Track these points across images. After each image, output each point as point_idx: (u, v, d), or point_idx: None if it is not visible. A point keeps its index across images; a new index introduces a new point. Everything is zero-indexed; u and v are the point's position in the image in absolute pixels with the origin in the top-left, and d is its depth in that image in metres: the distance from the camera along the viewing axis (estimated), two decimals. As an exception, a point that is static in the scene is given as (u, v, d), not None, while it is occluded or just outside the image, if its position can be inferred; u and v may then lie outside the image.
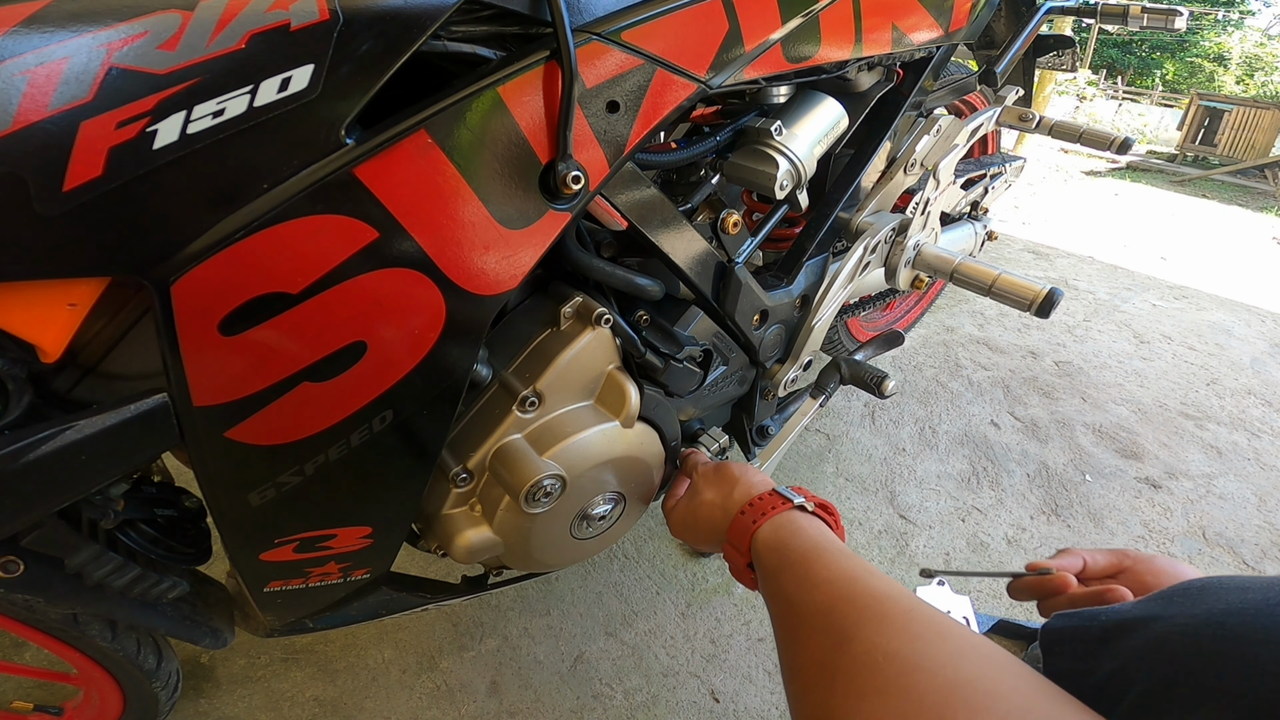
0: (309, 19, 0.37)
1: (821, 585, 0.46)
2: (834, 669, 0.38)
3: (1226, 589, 0.37)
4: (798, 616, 0.46)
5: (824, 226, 0.90)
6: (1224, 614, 0.34)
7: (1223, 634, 0.33)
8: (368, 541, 0.61)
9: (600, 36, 0.50)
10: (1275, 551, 1.31)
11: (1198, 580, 0.42)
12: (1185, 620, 0.36)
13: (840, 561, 0.48)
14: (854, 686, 0.36)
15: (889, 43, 0.81)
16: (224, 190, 0.38)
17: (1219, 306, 2.55)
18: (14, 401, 0.39)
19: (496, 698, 0.93)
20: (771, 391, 0.95)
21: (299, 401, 0.46)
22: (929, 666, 0.34)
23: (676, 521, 0.71)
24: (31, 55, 0.31)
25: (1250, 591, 0.36)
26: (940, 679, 0.33)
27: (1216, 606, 0.36)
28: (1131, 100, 12.44)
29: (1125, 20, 1.17)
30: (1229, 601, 0.35)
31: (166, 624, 0.61)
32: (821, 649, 0.41)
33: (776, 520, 0.58)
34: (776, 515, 0.58)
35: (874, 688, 0.35)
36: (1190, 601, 0.38)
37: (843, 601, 0.43)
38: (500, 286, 0.52)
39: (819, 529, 0.56)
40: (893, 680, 0.35)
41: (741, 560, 0.59)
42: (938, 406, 1.66)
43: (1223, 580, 0.39)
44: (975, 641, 0.37)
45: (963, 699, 0.32)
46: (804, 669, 0.41)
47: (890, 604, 0.41)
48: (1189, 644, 0.34)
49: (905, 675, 0.34)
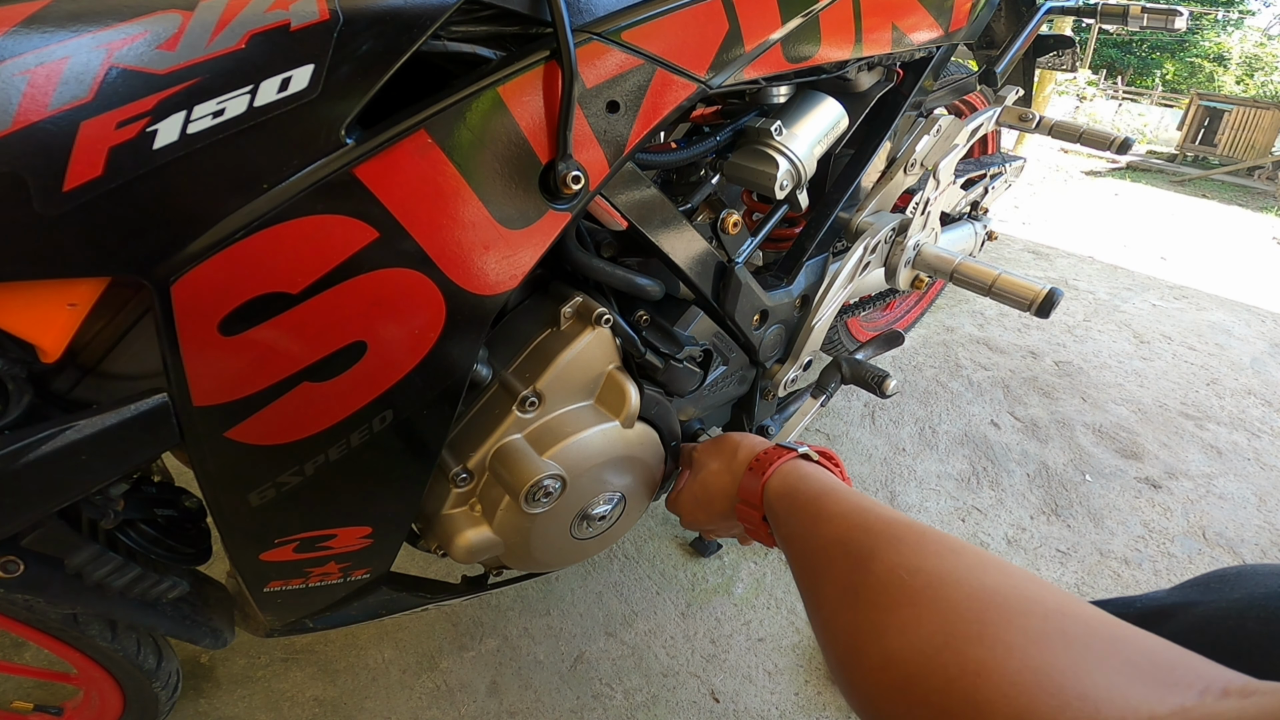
0: (309, 19, 0.37)
1: (836, 519, 0.47)
2: (859, 588, 0.39)
3: (1264, 575, 0.38)
4: (815, 549, 0.47)
5: (824, 226, 0.90)
6: (1266, 597, 0.35)
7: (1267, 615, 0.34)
8: (368, 541, 0.61)
9: (600, 36, 0.50)
10: (1275, 551, 1.31)
11: (1231, 568, 0.42)
12: (1226, 605, 0.36)
13: (850, 497, 0.50)
14: (883, 600, 0.36)
15: (889, 43, 0.81)
16: (224, 190, 0.38)
17: (1219, 306, 2.55)
18: (14, 401, 0.39)
19: (496, 698, 0.93)
20: (771, 391, 0.95)
21: (299, 401, 0.46)
22: (954, 578, 0.35)
23: (686, 503, 0.71)
24: (31, 55, 0.31)
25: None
26: (968, 588, 0.34)
27: (1257, 591, 0.36)
28: (1131, 100, 12.44)
29: (1125, 20, 1.17)
30: (1270, 586, 0.36)
31: (166, 624, 0.61)
32: (844, 573, 0.41)
33: (784, 469, 0.59)
34: (783, 464, 0.60)
35: (905, 599, 0.35)
36: (1228, 587, 0.38)
37: (858, 529, 0.44)
38: (500, 286, 0.52)
39: (825, 473, 0.57)
40: (921, 592, 0.35)
41: (756, 515, 0.60)
42: (938, 406, 1.66)
43: (1257, 567, 0.40)
44: (991, 556, 0.37)
45: (997, 604, 0.32)
46: (828, 596, 0.41)
47: (904, 528, 0.42)
48: (1233, 626, 0.35)
49: (933, 588, 0.35)
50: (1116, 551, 1.27)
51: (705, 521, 0.70)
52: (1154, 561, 1.25)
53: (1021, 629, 0.30)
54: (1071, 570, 1.21)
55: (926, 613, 0.34)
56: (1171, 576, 1.23)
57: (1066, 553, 1.25)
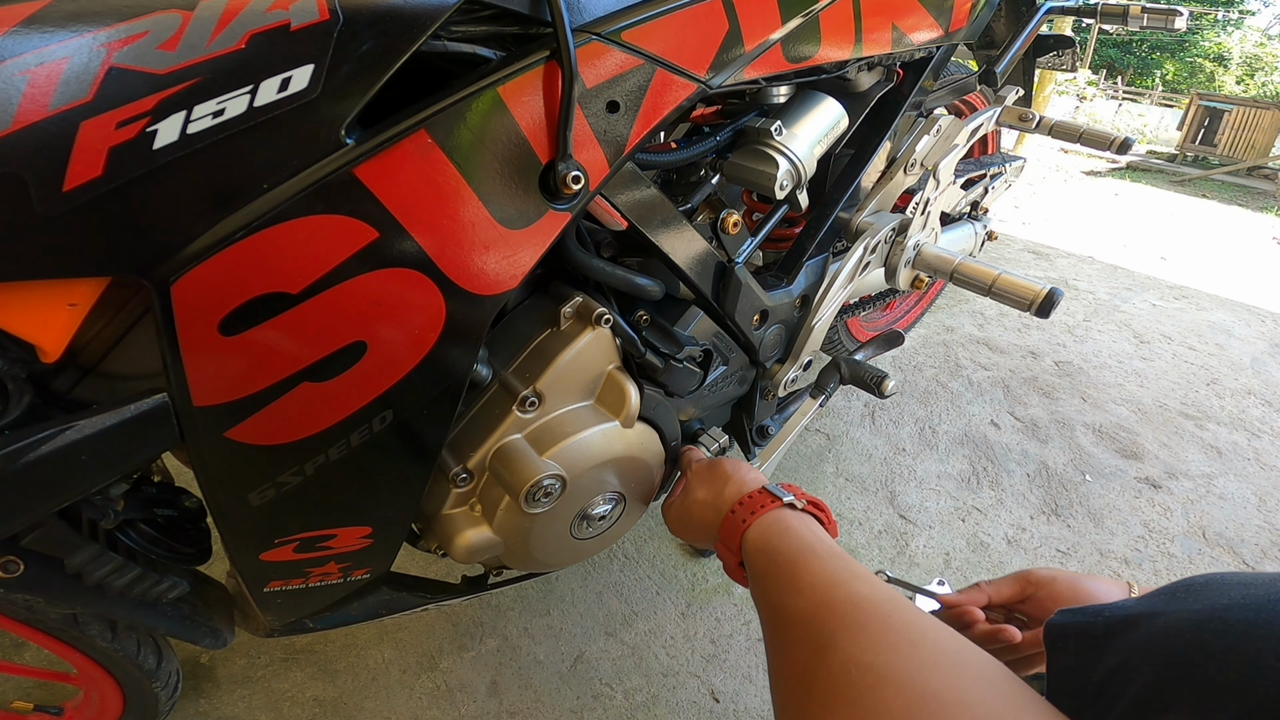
0: (309, 19, 0.37)
1: (805, 591, 0.47)
2: (811, 679, 0.40)
3: (1229, 584, 0.37)
4: (782, 624, 0.47)
5: (824, 226, 0.90)
6: (1226, 609, 0.35)
7: (1225, 629, 0.33)
8: (368, 541, 0.61)
9: (600, 36, 0.50)
10: (1275, 551, 1.31)
11: (1201, 576, 0.42)
12: (1188, 615, 0.36)
13: (825, 565, 0.49)
14: (829, 700, 0.37)
15: (889, 43, 0.81)
16: (224, 190, 0.38)
17: (1219, 306, 2.55)
18: (14, 401, 0.39)
19: (496, 698, 0.93)
20: (771, 391, 0.95)
21: (299, 401, 0.46)
22: (898, 679, 0.36)
23: (672, 520, 0.71)
24: (31, 55, 0.31)
25: (1253, 587, 0.36)
26: (909, 692, 0.35)
27: (1219, 601, 0.36)
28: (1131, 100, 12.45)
29: (1125, 20, 1.17)
30: (1231, 596, 0.36)
31: (166, 624, 0.61)
32: (802, 658, 0.42)
33: (766, 519, 0.58)
34: (766, 514, 0.58)
35: (847, 702, 0.36)
36: (1193, 597, 0.38)
37: (823, 609, 0.44)
38: (500, 286, 0.52)
39: (808, 528, 0.56)
40: (865, 694, 0.36)
41: (733, 559, 0.60)
42: (938, 406, 1.66)
43: (1225, 576, 0.39)
44: (949, 648, 0.38)
45: (930, 711, 0.33)
46: (786, 677, 0.43)
47: (868, 611, 0.42)
48: (1191, 639, 0.34)
49: (876, 689, 0.36)
50: (1116, 551, 1.27)
51: (689, 541, 0.70)
52: (1154, 561, 1.25)
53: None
54: (1071, 570, 1.21)
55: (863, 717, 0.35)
56: (1171, 577, 1.23)
57: (1066, 553, 1.25)
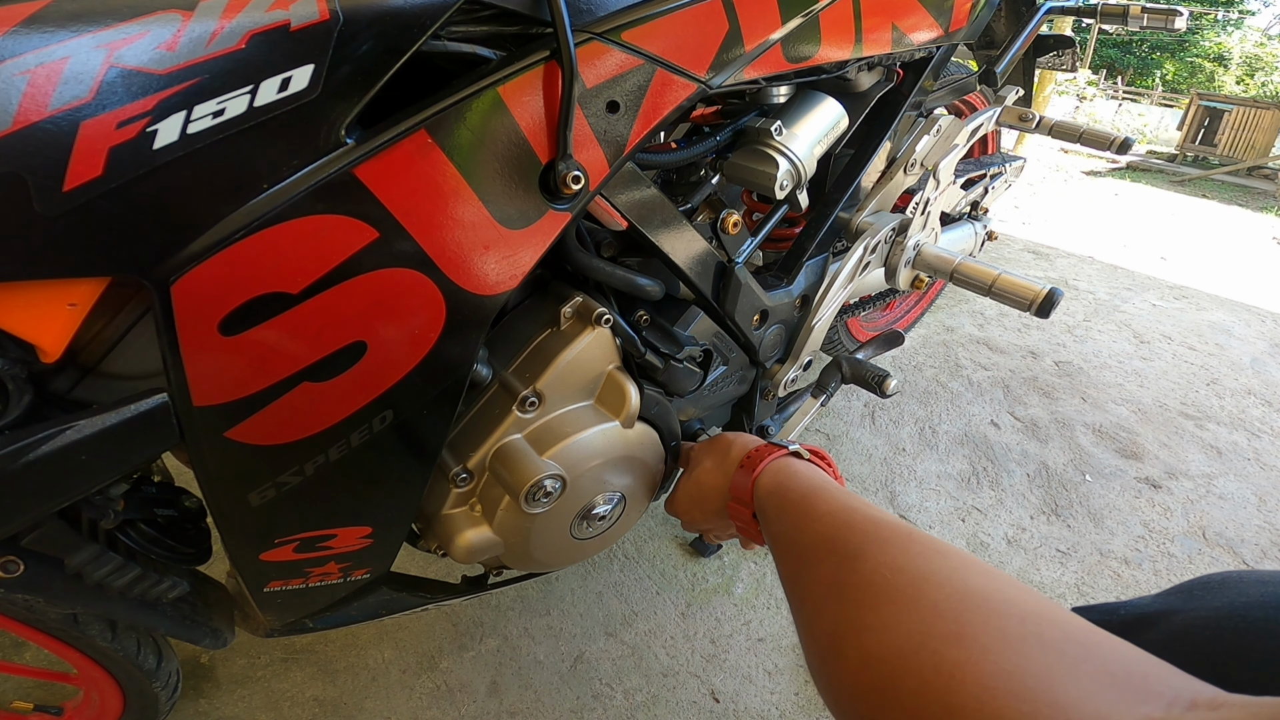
0: (309, 19, 0.37)
1: (824, 517, 0.47)
2: (843, 585, 0.39)
3: (1247, 582, 0.38)
4: (803, 547, 0.47)
5: (824, 226, 0.90)
6: (1245, 607, 0.35)
7: (1244, 626, 0.33)
8: (368, 541, 0.61)
9: (600, 36, 0.50)
10: (1275, 551, 1.31)
11: (1217, 574, 0.42)
12: (1206, 613, 0.36)
13: (839, 496, 0.50)
14: (865, 598, 0.36)
15: (889, 43, 0.81)
16: (224, 190, 0.38)
17: (1219, 306, 2.55)
18: (14, 401, 0.39)
19: (496, 698, 0.93)
20: (772, 391, 0.95)
21: (299, 401, 0.46)
22: (937, 579, 0.35)
23: (682, 501, 0.72)
24: (31, 55, 0.31)
25: (1270, 585, 0.36)
26: (949, 589, 0.34)
27: (1237, 600, 0.36)
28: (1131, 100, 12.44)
29: (1125, 20, 1.17)
30: (1250, 595, 0.36)
31: (166, 624, 0.61)
32: (830, 571, 0.41)
33: (774, 466, 0.59)
34: (774, 460, 0.60)
35: (887, 598, 0.35)
36: (1211, 594, 0.38)
37: (845, 528, 0.44)
38: (500, 286, 0.52)
39: (816, 471, 0.57)
40: (904, 590, 0.35)
41: (746, 512, 0.60)
42: (938, 406, 1.66)
43: (1242, 574, 0.40)
44: (977, 561, 0.38)
45: (977, 605, 0.32)
46: (813, 592, 0.42)
47: (890, 529, 0.42)
48: (1210, 636, 0.34)
49: (915, 585, 0.35)
50: (1116, 551, 1.27)
51: (701, 520, 0.70)
52: (1154, 562, 1.25)
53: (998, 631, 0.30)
54: (1071, 570, 1.21)
55: (906, 611, 0.34)
56: (1171, 577, 1.23)
57: (1066, 553, 1.25)
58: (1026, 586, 0.35)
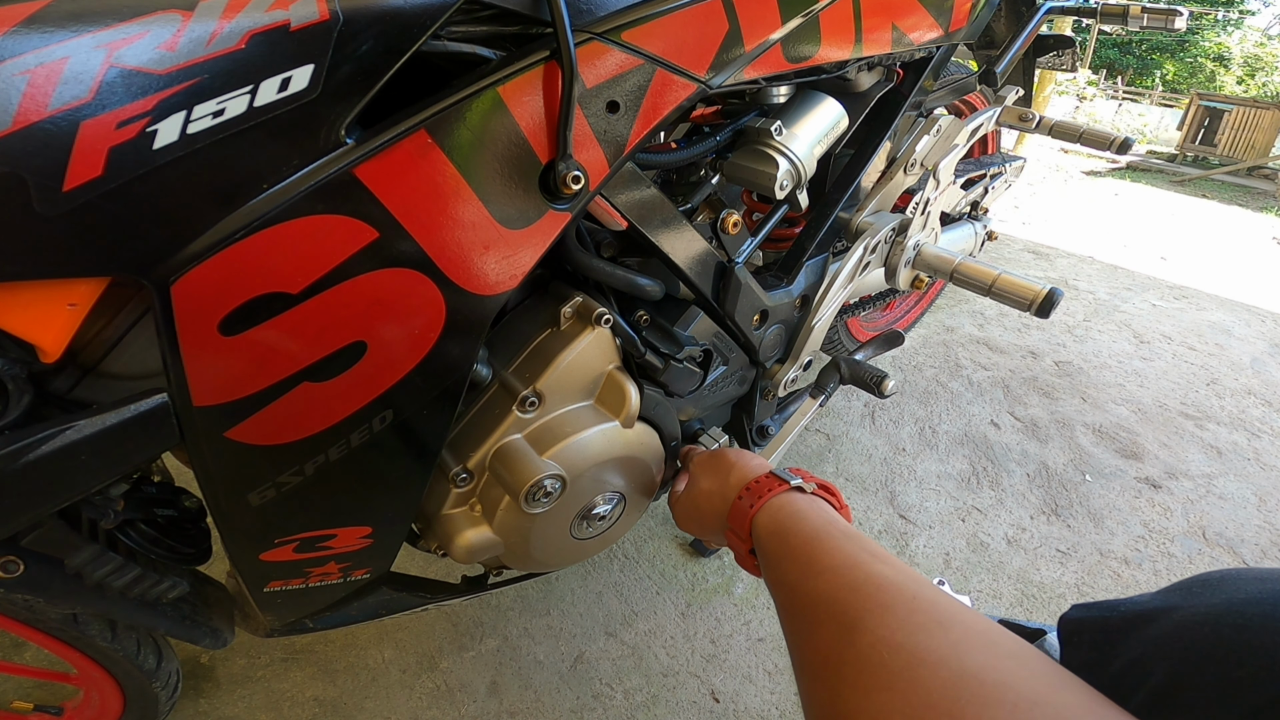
0: (309, 19, 0.37)
1: (825, 573, 0.46)
2: (840, 662, 0.38)
3: (1246, 579, 0.37)
4: (803, 606, 0.46)
5: (824, 226, 0.90)
6: (1244, 603, 0.35)
7: (1243, 623, 0.33)
8: (368, 541, 0.61)
9: (600, 36, 0.50)
10: (1275, 551, 1.31)
11: (1217, 572, 0.42)
12: (1205, 610, 0.36)
13: (843, 546, 0.48)
14: (861, 680, 0.36)
15: (889, 43, 0.81)
16: (224, 190, 0.38)
17: (1219, 306, 2.55)
18: (14, 401, 0.39)
19: (496, 698, 0.93)
20: (771, 391, 0.95)
21: (299, 401, 0.46)
22: (934, 659, 0.34)
23: (680, 513, 0.71)
24: (31, 55, 0.31)
25: (1269, 582, 0.36)
26: (946, 672, 0.33)
27: (1236, 596, 0.36)
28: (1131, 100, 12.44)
29: (1125, 20, 1.17)
30: (1248, 591, 0.36)
31: (166, 624, 0.61)
32: (828, 641, 0.40)
33: (775, 503, 0.57)
34: (774, 497, 0.57)
35: (881, 683, 0.35)
36: (1210, 591, 0.38)
37: (845, 590, 0.43)
38: (500, 286, 0.52)
39: (821, 510, 0.55)
40: (899, 674, 0.34)
41: (743, 547, 0.59)
42: (938, 406, 1.66)
43: (1242, 571, 0.40)
44: (979, 628, 0.36)
45: (970, 691, 0.32)
46: (812, 661, 0.41)
47: (893, 592, 0.41)
48: (1209, 633, 0.34)
49: (911, 669, 0.34)
50: (1116, 551, 1.27)
51: (699, 535, 0.69)
52: (1154, 562, 1.25)
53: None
54: (1071, 570, 1.21)
55: (900, 700, 0.33)
56: (1171, 577, 1.23)
57: (1066, 553, 1.25)
58: (1029, 658, 0.34)
